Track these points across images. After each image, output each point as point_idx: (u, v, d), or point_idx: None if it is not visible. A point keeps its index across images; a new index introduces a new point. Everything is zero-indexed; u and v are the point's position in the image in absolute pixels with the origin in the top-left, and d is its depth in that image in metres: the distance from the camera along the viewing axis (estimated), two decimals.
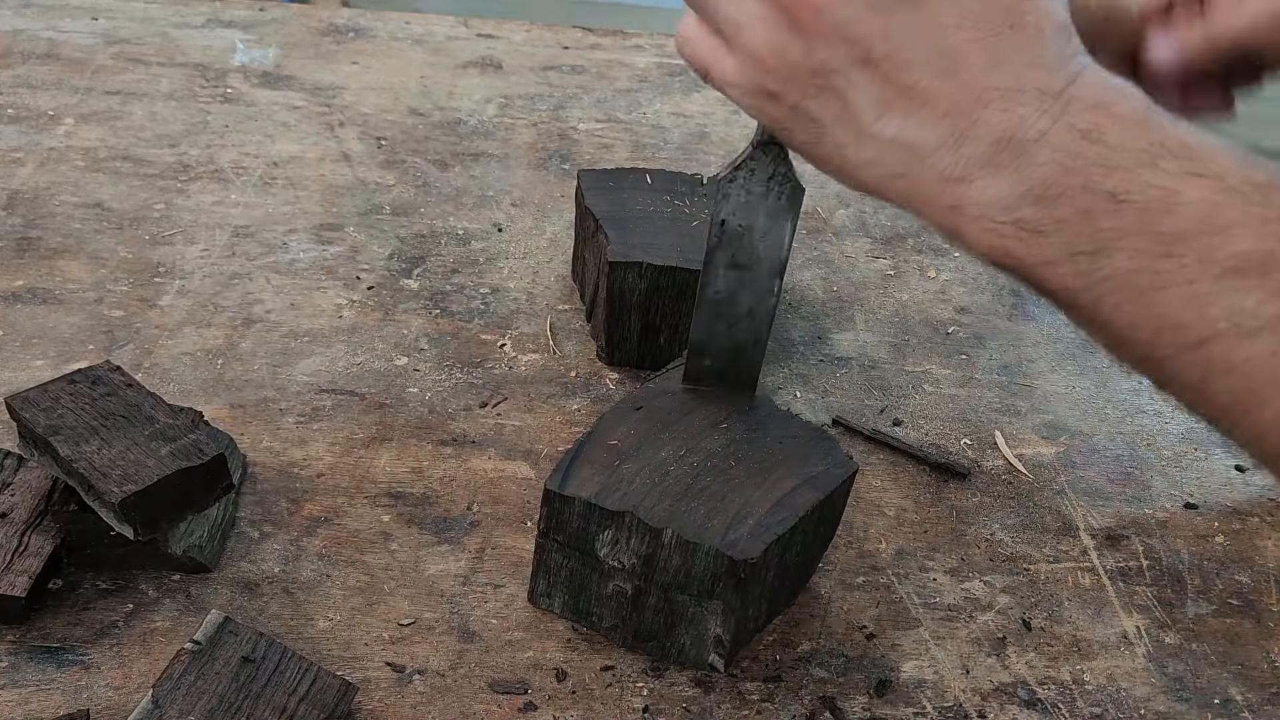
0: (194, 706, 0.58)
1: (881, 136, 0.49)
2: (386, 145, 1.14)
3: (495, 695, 0.65)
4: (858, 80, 0.49)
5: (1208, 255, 0.42)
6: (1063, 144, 0.45)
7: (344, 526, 0.74)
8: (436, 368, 0.88)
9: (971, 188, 0.47)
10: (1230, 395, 0.43)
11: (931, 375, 0.92)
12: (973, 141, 0.47)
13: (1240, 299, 0.42)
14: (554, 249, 1.02)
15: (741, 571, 0.62)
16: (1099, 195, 0.45)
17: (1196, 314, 0.43)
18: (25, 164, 1.05)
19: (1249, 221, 0.42)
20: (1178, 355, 0.44)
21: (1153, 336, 0.44)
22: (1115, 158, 0.45)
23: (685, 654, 0.67)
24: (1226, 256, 0.42)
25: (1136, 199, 0.44)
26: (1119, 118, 0.45)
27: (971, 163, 0.47)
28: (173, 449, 0.67)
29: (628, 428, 0.69)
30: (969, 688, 0.68)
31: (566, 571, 0.67)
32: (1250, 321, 0.41)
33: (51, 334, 0.86)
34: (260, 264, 0.96)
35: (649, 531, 0.63)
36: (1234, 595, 0.76)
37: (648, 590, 0.65)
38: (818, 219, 1.10)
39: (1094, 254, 0.45)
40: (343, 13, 1.41)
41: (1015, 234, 0.47)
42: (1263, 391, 0.42)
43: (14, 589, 0.64)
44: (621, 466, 0.66)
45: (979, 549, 0.78)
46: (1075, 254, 0.45)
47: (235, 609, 0.68)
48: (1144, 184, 0.44)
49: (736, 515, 0.64)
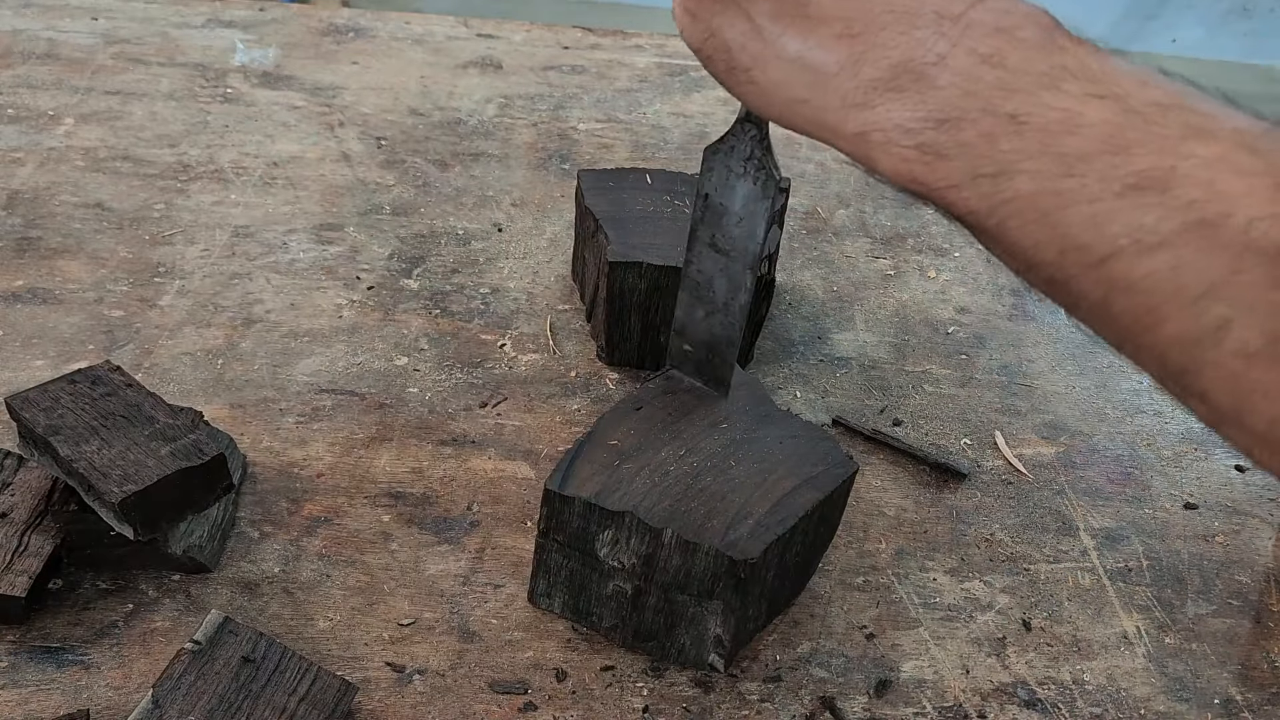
0: (194, 706, 0.58)
1: (784, 56, 0.50)
2: (386, 145, 1.14)
3: (495, 695, 0.65)
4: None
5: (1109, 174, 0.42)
6: (962, 68, 0.46)
7: (344, 526, 0.74)
8: (436, 368, 0.88)
9: (874, 113, 0.47)
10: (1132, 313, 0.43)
11: (931, 375, 0.92)
12: (871, 65, 0.47)
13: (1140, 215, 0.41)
14: (554, 249, 1.02)
15: (741, 572, 0.62)
16: (1000, 118, 0.45)
17: (1098, 232, 0.43)
18: (25, 164, 1.05)
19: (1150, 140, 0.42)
20: (1081, 275, 0.44)
21: (1057, 257, 0.44)
22: (1015, 81, 0.45)
23: (685, 654, 0.67)
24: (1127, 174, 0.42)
25: (1037, 120, 0.44)
26: (1021, 41, 0.45)
27: (873, 87, 0.47)
28: (173, 449, 0.67)
29: (628, 428, 0.69)
30: (969, 688, 0.68)
31: (566, 571, 0.67)
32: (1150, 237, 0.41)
33: (51, 334, 0.86)
34: (260, 264, 0.96)
35: (649, 531, 0.63)
36: (1234, 595, 0.76)
37: (648, 590, 0.65)
38: (818, 219, 1.10)
39: (996, 176, 0.45)
40: (343, 13, 1.41)
41: (919, 158, 0.47)
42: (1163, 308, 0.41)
43: (14, 589, 0.64)
44: (621, 466, 0.66)
45: (979, 549, 0.78)
46: (978, 176, 0.45)
47: (235, 609, 0.68)
48: (1045, 106, 0.44)
49: (736, 515, 0.64)
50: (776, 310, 0.97)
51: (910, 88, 0.46)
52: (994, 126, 0.45)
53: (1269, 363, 0.39)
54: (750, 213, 0.64)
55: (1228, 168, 0.40)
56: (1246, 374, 0.40)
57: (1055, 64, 0.45)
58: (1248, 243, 0.39)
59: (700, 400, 0.72)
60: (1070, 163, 0.43)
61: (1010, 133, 0.44)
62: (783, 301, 0.98)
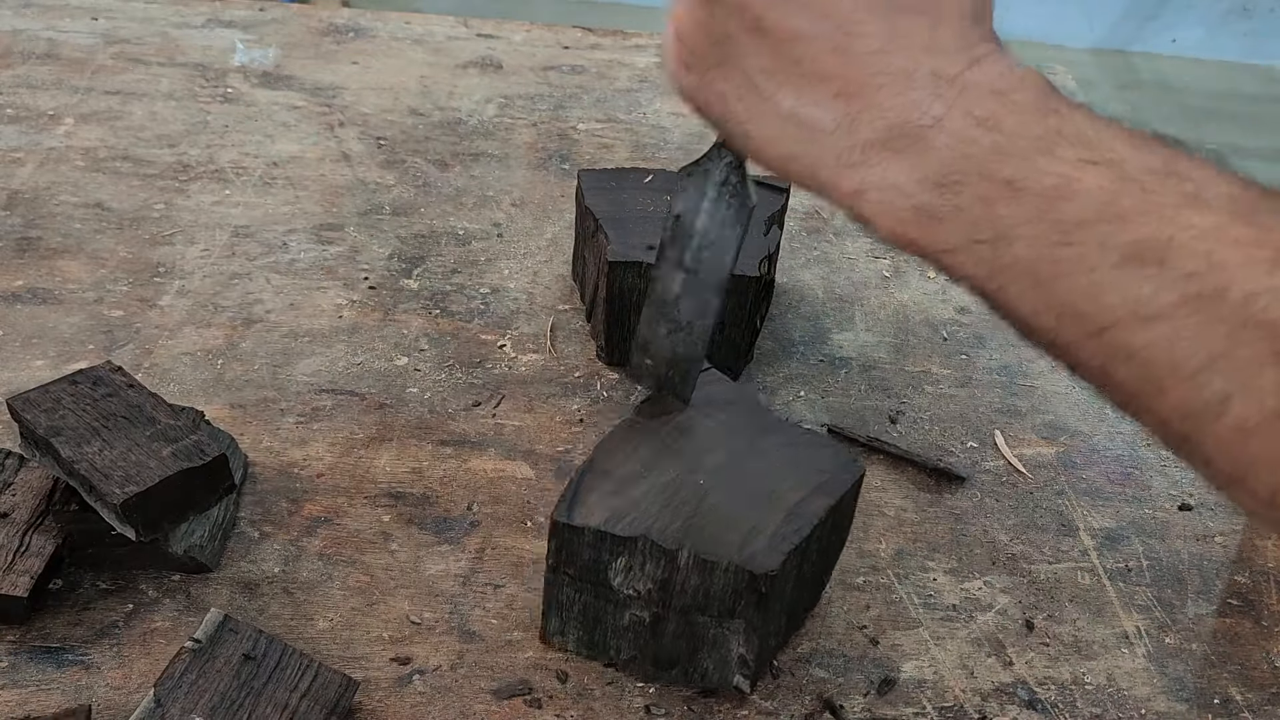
0: (196, 704, 0.58)
1: (778, 111, 0.49)
2: (386, 145, 1.14)
3: (496, 695, 0.65)
4: (751, 49, 0.49)
5: (1106, 243, 0.42)
6: (958, 130, 0.45)
7: (344, 526, 0.74)
8: (436, 368, 0.88)
9: (871, 172, 0.47)
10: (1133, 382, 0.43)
11: (931, 375, 0.92)
12: (867, 125, 0.47)
13: (1139, 286, 0.41)
14: (554, 249, 1.02)
15: (763, 586, 0.61)
16: (996, 182, 0.44)
17: (1096, 302, 0.42)
18: (25, 164, 1.05)
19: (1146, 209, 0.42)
20: (1081, 343, 0.44)
21: (1056, 324, 0.44)
22: (1011, 145, 0.44)
23: (709, 678, 0.65)
24: (1124, 244, 0.42)
25: (1033, 186, 0.44)
26: (1016, 105, 0.45)
27: (869, 146, 0.47)
28: (174, 450, 0.67)
29: (627, 451, 0.68)
30: (969, 688, 0.68)
31: (579, 606, 0.65)
32: (1148, 309, 0.41)
33: (51, 334, 0.86)
34: (260, 264, 0.96)
35: (663, 554, 0.62)
36: (1234, 595, 0.76)
37: (666, 616, 0.64)
38: (818, 219, 1.10)
39: (994, 241, 0.45)
40: (343, 13, 1.41)
41: (916, 220, 0.46)
42: (1163, 379, 0.41)
43: (16, 589, 0.64)
44: (627, 492, 0.65)
45: (979, 549, 0.78)
46: (976, 241, 0.45)
47: (235, 609, 0.68)
48: (1040, 172, 0.44)
49: (751, 529, 0.63)
50: (776, 310, 0.97)
51: (907, 149, 0.46)
52: (990, 191, 0.44)
53: (1269, 438, 0.40)
54: (721, 237, 0.63)
55: (1224, 239, 0.40)
56: (1247, 447, 0.40)
57: (1050, 128, 0.44)
58: (1246, 318, 0.39)
59: (697, 417, 0.70)
60: (1067, 230, 0.43)
61: (1007, 198, 0.44)
62: (783, 301, 0.98)
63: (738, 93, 0.50)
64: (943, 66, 0.46)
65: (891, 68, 0.46)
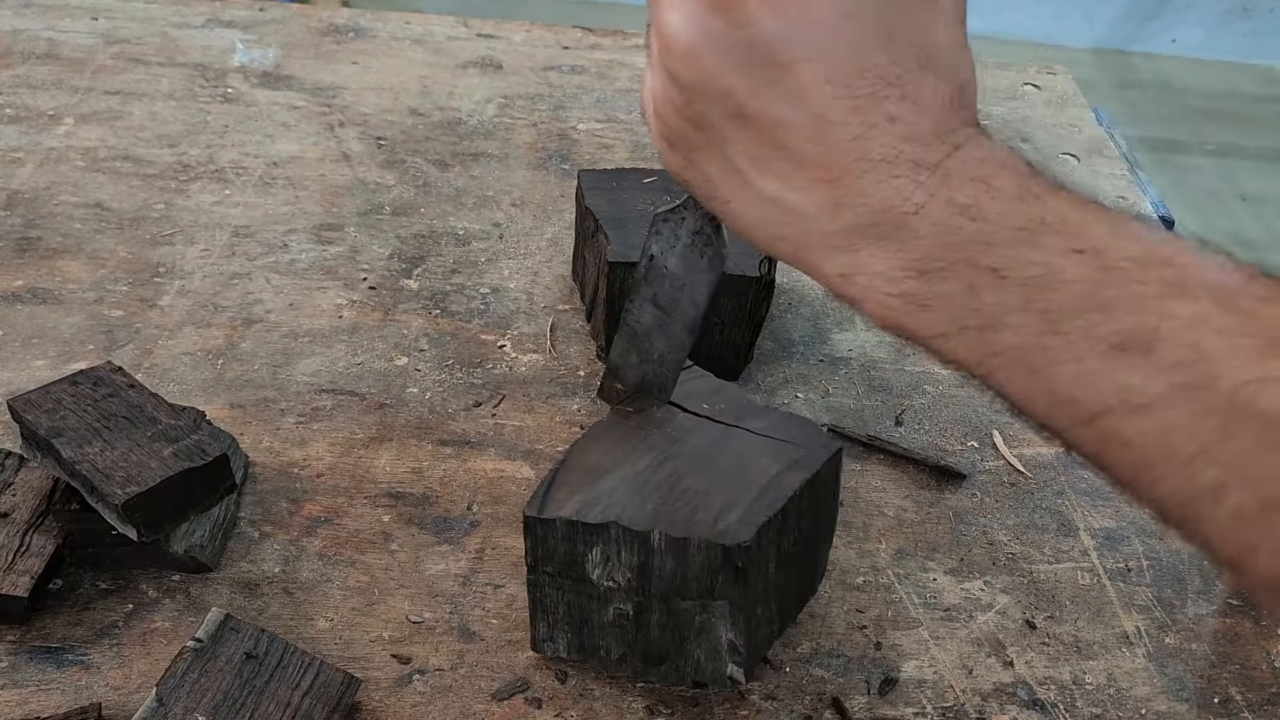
0: (199, 703, 0.58)
1: (763, 195, 0.49)
2: (386, 145, 1.14)
3: (496, 695, 0.65)
4: (733, 135, 0.48)
5: (1092, 333, 0.42)
6: (940, 219, 0.45)
7: (344, 526, 0.74)
8: (436, 368, 0.88)
9: (856, 257, 0.47)
10: (1128, 469, 0.43)
11: (931, 375, 0.92)
12: (850, 211, 0.46)
13: (1127, 376, 0.41)
14: (554, 249, 1.02)
15: (738, 560, 0.61)
16: (981, 270, 0.44)
17: (1087, 390, 0.43)
18: (25, 164, 1.05)
19: (1129, 298, 0.42)
20: (1073, 429, 0.44)
21: (1049, 409, 0.44)
22: (994, 234, 0.44)
23: (702, 670, 0.65)
24: (1111, 333, 0.42)
25: (1017, 275, 0.44)
26: (998, 192, 0.45)
27: (852, 232, 0.47)
28: (175, 450, 0.67)
29: (602, 448, 0.67)
30: (969, 688, 0.69)
31: (564, 606, 0.65)
32: (1138, 398, 0.41)
33: (51, 334, 0.86)
34: (260, 264, 0.96)
35: (636, 538, 0.62)
36: (1234, 595, 0.76)
37: (649, 606, 0.64)
38: None
39: (982, 329, 0.45)
40: (343, 13, 1.41)
41: (903, 306, 0.46)
42: (1157, 466, 0.41)
43: (16, 589, 0.64)
44: (599, 483, 0.65)
45: (979, 549, 0.78)
46: (964, 328, 0.45)
47: (235, 609, 0.68)
48: (1024, 261, 0.44)
49: (724, 506, 0.63)
50: (776, 310, 0.97)
51: (891, 235, 0.46)
52: (976, 279, 0.44)
53: (1266, 527, 0.40)
54: (694, 281, 0.63)
55: (1210, 328, 0.40)
56: (1245, 534, 0.40)
57: (1033, 215, 0.44)
58: (1235, 407, 0.39)
59: (674, 412, 0.70)
60: (1053, 319, 0.43)
61: (992, 286, 0.44)
62: (783, 301, 0.98)
63: (722, 175, 0.50)
64: (923, 154, 0.45)
65: (872, 154, 0.46)
